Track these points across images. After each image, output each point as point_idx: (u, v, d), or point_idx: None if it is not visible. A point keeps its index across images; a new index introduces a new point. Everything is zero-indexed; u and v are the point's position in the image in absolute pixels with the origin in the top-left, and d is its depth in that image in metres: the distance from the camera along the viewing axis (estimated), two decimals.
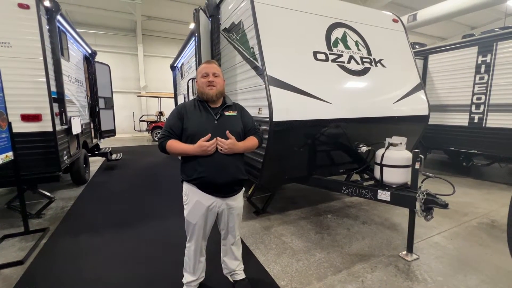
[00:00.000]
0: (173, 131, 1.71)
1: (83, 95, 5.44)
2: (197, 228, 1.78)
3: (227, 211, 1.82)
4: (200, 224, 1.77)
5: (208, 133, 1.65)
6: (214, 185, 1.70)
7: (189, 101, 1.83)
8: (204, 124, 1.69)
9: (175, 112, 1.77)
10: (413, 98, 3.38)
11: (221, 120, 1.74)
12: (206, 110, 1.75)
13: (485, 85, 4.80)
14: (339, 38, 3.02)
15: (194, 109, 1.75)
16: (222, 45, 3.54)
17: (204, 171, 1.67)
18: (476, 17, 12.68)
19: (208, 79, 1.71)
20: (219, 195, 1.75)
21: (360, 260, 2.45)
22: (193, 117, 1.72)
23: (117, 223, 3.25)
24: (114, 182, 5.17)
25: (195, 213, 1.75)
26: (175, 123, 1.72)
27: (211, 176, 1.68)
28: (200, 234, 1.81)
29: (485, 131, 4.83)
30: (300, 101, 2.55)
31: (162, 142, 1.71)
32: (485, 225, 3.21)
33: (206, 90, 1.71)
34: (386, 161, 2.60)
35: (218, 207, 1.78)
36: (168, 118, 1.79)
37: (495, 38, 4.67)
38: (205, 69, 1.73)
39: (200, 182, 1.70)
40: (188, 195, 1.77)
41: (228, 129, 1.70)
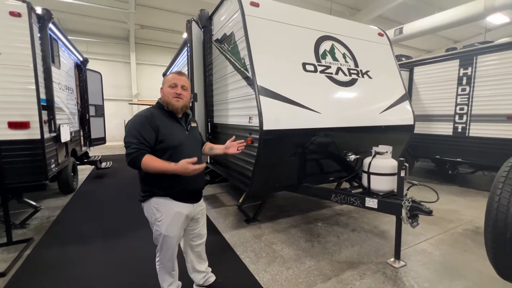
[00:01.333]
0: (147, 142, 1.53)
1: (73, 103, 5.39)
2: (174, 241, 1.72)
3: (199, 215, 1.87)
4: (179, 234, 1.76)
5: (185, 145, 1.65)
6: (194, 192, 1.77)
7: (152, 110, 1.67)
8: (181, 136, 1.67)
9: (144, 121, 1.55)
10: (398, 108, 3.50)
11: (190, 130, 1.77)
12: (177, 121, 1.70)
13: (467, 96, 5.02)
14: (327, 50, 3.13)
15: (166, 118, 1.65)
16: (214, 55, 3.61)
17: (185, 181, 1.65)
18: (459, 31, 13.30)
19: (176, 91, 1.64)
20: (194, 201, 1.79)
21: (349, 268, 2.48)
22: (167, 127, 1.62)
23: (105, 233, 3.19)
24: (103, 191, 5.08)
25: (174, 224, 1.67)
26: (147, 134, 1.54)
27: (191, 185, 1.72)
28: (177, 245, 1.78)
29: (468, 140, 5.02)
30: (289, 111, 2.61)
31: (136, 156, 1.48)
32: (470, 231, 3.30)
33: (173, 101, 1.64)
34: (373, 169, 2.67)
35: (194, 212, 1.80)
36: (135, 127, 1.54)
37: (475, 52, 4.92)
38: (174, 80, 1.66)
39: (182, 192, 1.68)
40: (161, 211, 1.65)
41: (196, 140, 1.82)
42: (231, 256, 2.69)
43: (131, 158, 1.49)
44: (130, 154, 1.49)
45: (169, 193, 1.65)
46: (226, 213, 3.89)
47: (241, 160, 2.95)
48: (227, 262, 2.56)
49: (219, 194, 4.88)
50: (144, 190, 1.68)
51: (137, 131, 1.53)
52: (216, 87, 3.64)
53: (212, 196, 4.76)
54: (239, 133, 2.91)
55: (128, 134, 1.55)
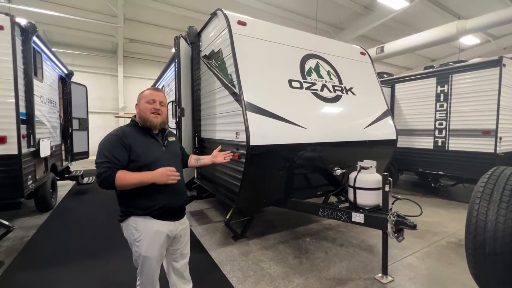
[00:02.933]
0: (118, 161, 1.48)
1: (56, 116, 5.24)
2: (155, 261, 1.63)
3: (181, 233, 1.77)
4: (161, 255, 1.66)
5: (161, 161, 1.59)
6: (174, 209, 1.68)
7: (126, 127, 1.65)
8: (156, 152, 1.63)
9: (115, 139, 1.52)
10: (381, 124, 3.62)
11: (167, 146, 1.74)
12: (152, 137, 1.67)
13: (445, 112, 5.28)
14: (312, 68, 3.24)
15: (139, 135, 1.62)
16: (202, 70, 3.64)
17: (164, 198, 1.60)
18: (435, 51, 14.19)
19: (154, 106, 1.63)
20: (176, 219, 1.71)
21: (338, 285, 2.45)
22: (141, 145, 1.58)
23: (83, 254, 3.02)
24: (84, 208, 4.85)
25: (154, 244, 1.59)
26: (119, 152, 1.50)
27: (171, 202, 1.65)
28: (158, 266, 1.68)
29: (448, 153, 5.23)
30: (276, 126, 2.64)
31: (108, 175, 1.43)
32: (453, 244, 3.37)
33: (151, 118, 1.63)
34: (359, 184, 2.71)
35: (176, 231, 1.71)
36: (106, 147, 1.50)
37: (450, 71, 5.24)
38: (151, 96, 1.65)
39: (162, 210, 1.61)
40: (140, 230, 1.58)
41: (174, 154, 1.78)
42: (217, 276, 2.60)
43: (103, 178, 1.44)
44: (101, 174, 1.45)
45: (147, 212, 1.58)
46: (213, 229, 3.79)
47: (227, 175, 2.92)
48: (213, 282, 2.47)
49: (206, 209, 4.77)
50: (122, 210, 1.62)
51: (108, 151, 1.49)
52: (203, 102, 3.65)
53: (199, 212, 4.65)
54: (227, 148, 2.86)
55: (98, 154, 1.50)
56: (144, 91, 1.72)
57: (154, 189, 1.56)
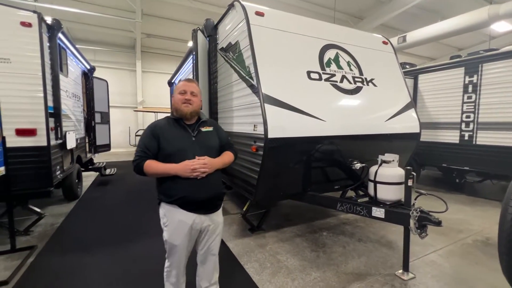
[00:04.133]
0: (149, 150, 1.64)
1: (80, 110, 5.47)
2: (179, 249, 1.69)
3: (209, 229, 1.75)
4: (184, 244, 1.69)
5: (187, 150, 1.64)
6: (197, 202, 1.66)
7: (161, 120, 1.78)
8: (182, 142, 1.67)
9: (148, 131, 1.69)
10: (404, 116, 3.47)
11: (199, 136, 1.74)
12: (182, 127, 1.72)
13: (473, 104, 4.97)
14: (331, 59, 3.14)
15: (169, 127, 1.71)
16: (219, 63, 3.64)
17: (186, 189, 1.62)
18: (463, 39, 13.31)
19: (185, 97, 1.70)
20: (202, 212, 1.70)
21: (356, 279, 2.42)
22: (169, 135, 1.67)
23: (109, 241, 3.17)
24: (107, 198, 5.08)
25: (178, 233, 1.66)
26: (150, 143, 1.65)
27: (194, 194, 1.64)
28: (183, 255, 1.73)
29: (475, 148, 4.94)
30: (294, 119, 2.61)
31: (139, 163, 1.62)
32: (480, 242, 3.21)
33: (182, 107, 1.70)
34: (380, 178, 2.63)
35: (201, 224, 1.71)
36: (141, 138, 1.69)
37: (480, 60, 4.90)
38: (183, 87, 1.72)
39: (183, 201, 1.64)
40: (167, 216, 1.69)
41: (206, 145, 1.73)
42: (235, 266, 2.64)
43: (134, 165, 1.65)
44: (134, 162, 1.66)
45: (171, 200, 1.65)
46: (230, 221, 3.84)
47: (245, 168, 2.93)
48: (231, 273, 2.51)
49: (223, 202, 4.83)
50: (157, 196, 1.76)
51: (142, 141, 1.69)
52: (220, 95, 3.66)
53: None
54: (244, 141, 2.90)
55: (137, 144, 1.72)
56: (178, 83, 1.77)
57: (175, 179, 1.61)
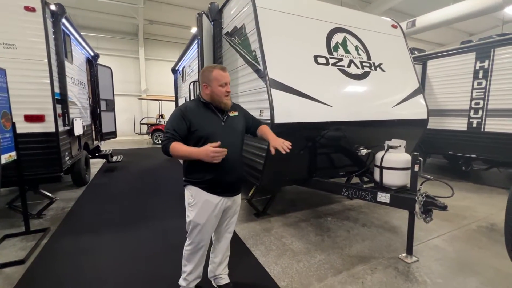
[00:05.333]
0: (177, 133, 1.66)
1: (85, 97, 5.49)
2: (205, 229, 1.76)
3: (230, 209, 1.87)
4: (209, 223, 1.77)
5: (218, 134, 1.68)
6: (224, 185, 1.75)
7: (191, 102, 1.80)
8: (214, 126, 1.71)
9: (178, 113, 1.70)
10: (412, 102, 3.42)
11: (228, 121, 1.78)
12: (212, 112, 1.75)
13: (483, 90, 4.86)
14: (339, 43, 3.07)
15: (200, 110, 1.73)
16: (224, 48, 3.59)
17: (214, 172, 1.69)
18: (474, 24, 12.85)
19: (227, 89, 1.73)
20: (227, 194, 1.79)
21: (360, 262, 2.47)
22: (201, 119, 1.70)
23: (117, 224, 3.26)
24: (115, 184, 5.18)
25: (204, 213, 1.73)
26: (179, 125, 1.67)
27: (221, 177, 1.72)
28: (208, 233, 1.80)
29: (483, 135, 4.87)
30: (301, 104, 2.59)
31: (166, 144, 1.64)
32: (485, 228, 3.23)
33: (225, 100, 1.73)
34: (386, 164, 2.63)
35: (225, 205, 1.80)
36: (171, 119, 1.72)
37: (492, 45, 4.74)
38: (224, 78, 1.71)
39: (211, 183, 1.71)
40: (194, 197, 1.74)
41: (234, 129, 1.79)
42: (242, 249, 2.71)
43: (163, 145, 1.67)
44: (162, 142, 1.68)
45: (198, 182, 1.72)
46: None
47: (251, 153, 2.95)
48: (238, 255, 2.57)
49: None
50: (184, 178, 1.81)
51: (171, 123, 1.70)
52: None
53: None
54: None
55: (166, 125, 1.74)
56: (211, 70, 1.72)
57: (205, 162, 1.59)
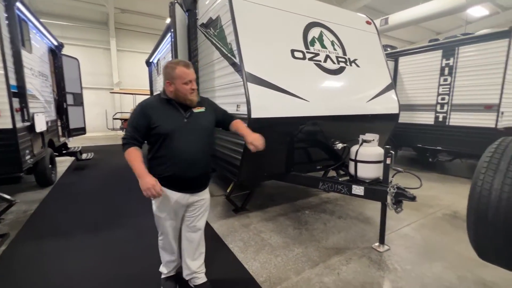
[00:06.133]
0: (137, 130, 1.64)
1: (49, 90, 5.07)
2: (167, 222, 1.80)
3: (195, 204, 1.84)
4: (170, 217, 1.80)
5: (178, 132, 1.65)
6: (185, 182, 1.72)
7: (153, 98, 1.74)
8: (174, 123, 1.67)
9: (138, 110, 1.67)
10: (385, 97, 3.55)
11: (191, 117, 1.73)
12: (174, 108, 1.71)
13: (448, 86, 5.17)
14: (316, 37, 3.08)
15: (161, 106, 1.69)
16: (199, 40, 3.46)
17: (174, 169, 1.67)
18: (441, 23, 13.62)
19: (192, 87, 1.68)
20: (189, 191, 1.77)
21: (336, 253, 2.54)
22: (161, 116, 1.66)
23: (87, 226, 3.07)
24: (84, 183, 4.88)
25: (164, 207, 1.75)
26: (139, 122, 1.64)
27: (181, 174, 1.69)
28: (170, 226, 1.83)
29: (448, 129, 5.21)
30: (278, 98, 2.57)
31: (124, 145, 1.64)
32: (448, 216, 3.46)
33: (190, 97, 1.69)
34: (360, 157, 2.71)
35: (187, 200, 1.79)
36: (132, 117, 1.68)
37: (457, 43, 5.04)
38: (188, 76, 1.65)
39: (170, 180, 1.68)
40: None
41: (198, 126, 1.74)
42: (220, 246, 2.67)
43: (122, 143, 1.66)
44: (122, 139, 1.66)
45: (158, 178, 1.63)
46: (214, 203, 3.85)
47: (229, 149, 2.89)
48: (216, 252, 2.54)
49: None
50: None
51: (132, 120, 1.68)
52: (202, 74, 3.51)
53: None
54: None
55: (128, 122, 1.72)
56: (173, 67, 1.65)
57: (164, 157, 1.66)
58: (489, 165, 1.36)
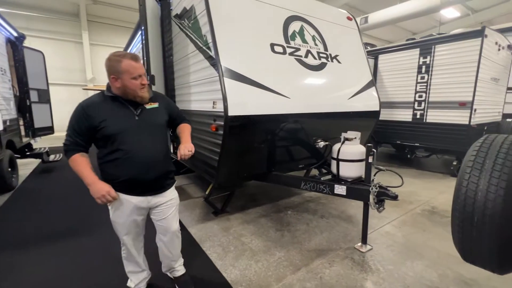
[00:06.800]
0: (79, 134, 1.47)
1: (7, 86, 4.60)
2: (126, 227, 1.64)
3: (160, 206, 1.69)
4: (129, 223, 1.62)
5: (130, 131, 1.50)
6: (143, 184, 1.57)
7: (94, 97, 1.57)
8: (124, 122, 1.51)
9: (79, 110, 1.48)
10: (366, 95, 3.51)
11: (143, 114, 1.57)
12: (123, 106, 1.54)
13: (425, 84, 5.28)
14: (296, 31, 2.96)
15: (106, 105, 1.52)
16: (174, 32, 3.24)
17: (129, 173, 1.51)
18: (417, 24, 14.11)
19: (142, 82, 1.52)
20: (150, 193, 1.62)
21: (319, 256, 2.45)
22: (107, 115, 1.49)
23: (50, 235, 2.78)
24: (50, 187, 4.49)
25: (121, 211, 1.59)
26: (80, 124, 1.47)
27: (138, 177, 1.53)
28: (133, 235, 1.67)
29: (425, 126, 5.33)
30: (257, 95, 2.42)
31: (66, 153, 1.49)
32: (427, 212, 3.51)
33: (140, 93, 1.54)
34: (342, 156, 2.63)
35: (148, 203, 1.64)
36: (71, 119, 1.49)
37: (434, 42, 5.15)
38: (136, 70, 1.49)
39: (126, 185, 1.53)
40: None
41: (152, 123, 1.60)
42: (197, 252, 2.50)
43: (64, 150, 1.51)
44: (63, 145, 1.50)
45: (112, 184, 1.49)
46: (192, 205, 3.66)
47: (205, 149, 2.72)
48: (192, 259, 2.37)
49: (186, 185, 4.61)
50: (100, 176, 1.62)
51: (71, 123, 1.50)
52: (177, 68, 3.29)
53: (178, 188, 4.40)
54: (203, 120, 2.66)
55: (67, 126, 1.53)
56: (118, 60, 1.46)
57: (118, 160, 1.49)
58: (475, 164, 1.30)
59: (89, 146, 1.55)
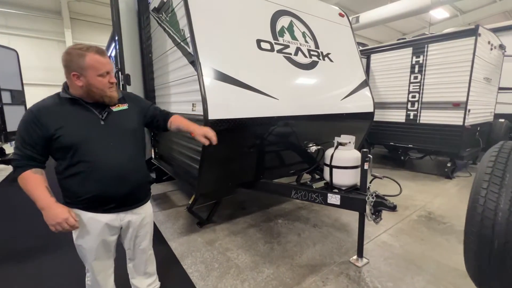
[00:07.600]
0: (31, 146, 1.22)
1: None
2: (94, 252, 1.38)
3: (132, 223, 1.44)
4: (98, 246, 1.37)
5: (94, 139, 1.27)
6: (113, 200, 1.33)
7: (47, 100, 1.30)
8: (87, 129, 1.27)
9: (29, 117, 1.23)
10: (359, 95, 3.32)
11: (110, 118, 1.34)
12: (84, 109, 1.30)
13: (419, 84, 5.16)
14: (285, 27, 2.74)
15: (62, 109, 1.27)
16: (152, 28, 2.96)
17: (96, 188, 1.28)
18: (407, 24, 14.17)
19: (110, 80, 1.32)
20: (123, 209, 1.38)
21: (311, 272, 2.23)
22: (65, 121, 1.25)
23: (17, 253, 2.47)
24: (21, 197, 4.09)
25: (87, 233, 1.34)
26: (30, 134, 1.22)
27: (108, 192, 1.30)
28: (101, 261, 1.41)
29: (419, 126, 5.20)
30: (241, 96, 2.18)
31: (16, 169, 1.24)
32: (424, 218, 3.34)
33: (109, 93, 1.32)
34: (336, 162, 2.42)
35: (121, 221, 1.40)
36: (20, 128, 1.25)
37: (427, 41, 5.03)
38: (104, 66, 1.28)
39: (93, 201, 1.29)
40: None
41: (121, 128, 1.35)
42: (176, 271, 2.25)
43: (13, 166, 1.26)
44: (12, 161, 1.27)
45: (76, 203, 1.28)
46: (175, 215, 3.39)
47: (185, 156, 2.46)
48: (170, 279, 2.11)
49: (170, 192, 4.32)
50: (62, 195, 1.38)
51: (21, 131, 1.25)
52: (156, 67, 3.02)
53: (162, 195, 4.18)
54: None
55: (16, 137, 1.30)
56: (81, 54, 1.23)
57: (83, 175, 1.26)
58: (492, 178, 1.10)
59: (45, 160, 1.30)
